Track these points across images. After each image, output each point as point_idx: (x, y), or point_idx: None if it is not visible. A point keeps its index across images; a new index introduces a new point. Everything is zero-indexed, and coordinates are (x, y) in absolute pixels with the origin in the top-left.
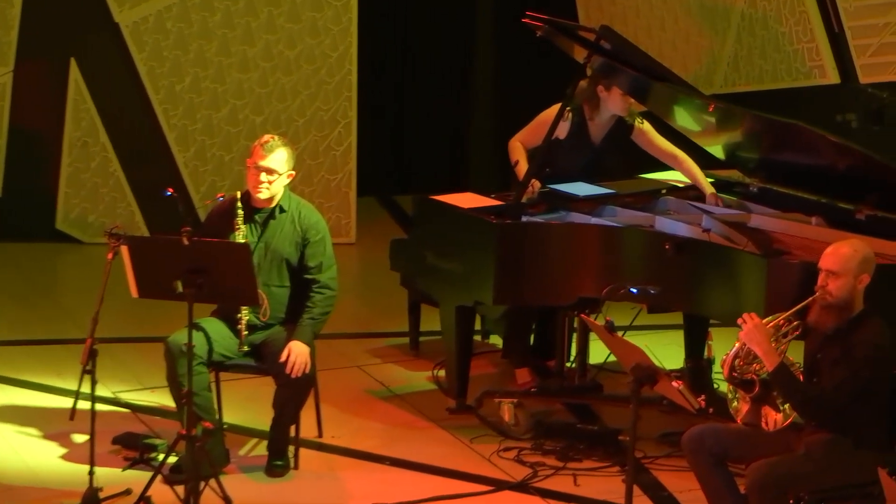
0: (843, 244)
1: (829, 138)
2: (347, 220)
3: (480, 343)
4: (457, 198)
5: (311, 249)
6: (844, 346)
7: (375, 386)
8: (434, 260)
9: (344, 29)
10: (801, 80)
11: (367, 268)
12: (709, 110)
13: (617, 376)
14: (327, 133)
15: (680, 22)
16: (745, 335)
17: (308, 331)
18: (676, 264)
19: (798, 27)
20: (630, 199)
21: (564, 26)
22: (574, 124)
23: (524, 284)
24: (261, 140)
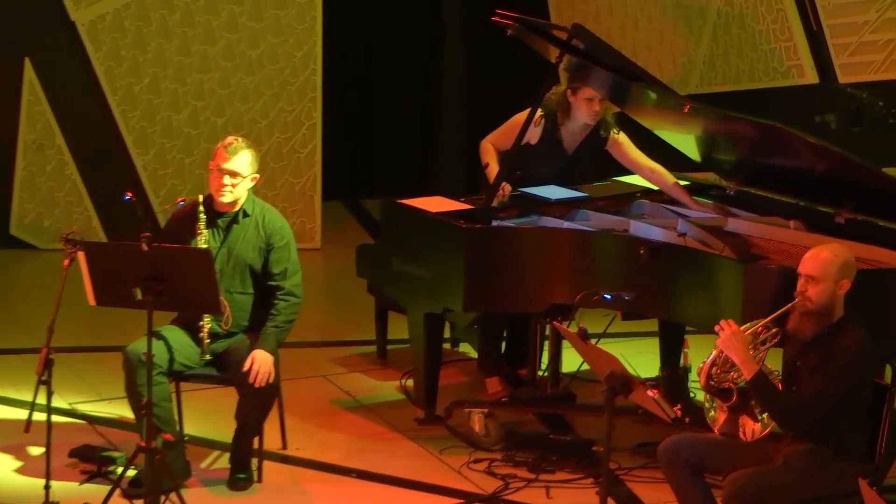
0: (823, 248)
1: (807, 140)
2: (312, 225)
3: (450, 351)
4: (425, 201)
5: (275, 255)
6: (824, 354)
7: (341, 396)
8: (402, 266)
9: (308, 27)
10: (778, 80)
11: (333, 274)
12: (684, 111)
13: (590, 385)
14: (291, 135)
15: (654, 20)
16: (723, 342)
17: (272, 339)
18: (651, 270)
19: (775, 25)
20: (603, 203)
21: (536, 25)
22: (546, 131)
23: (495, 291)
24: (224, 142)
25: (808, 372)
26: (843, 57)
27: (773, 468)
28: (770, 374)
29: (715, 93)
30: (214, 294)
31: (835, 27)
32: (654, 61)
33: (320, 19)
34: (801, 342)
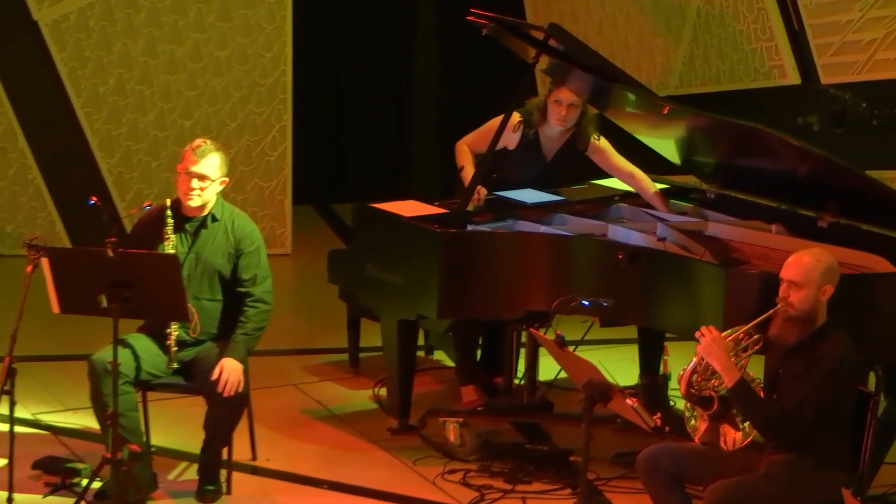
0: (806, 253)
1: (789, 142)
2: (283, 230)
3: (424, 359)
4: (398, 206)
5: (244, 261)
6: (807, 361)
7: (313, 405)
8: (374, 272)
9: (278, 27)
10: (759, 81)
11: (304, 280)
12: (663, 113)
13: (568, 393)
14: (261, 138)
15: (633, 20)
16: (703, 349)
17: (241, 347)
18: (630, 275)
19: (756, 25)
20: (581, 207)
21: (511, 24)
22: (525, 136)
23: (470, 297)
24: (192, 144)
25: (790, 379)
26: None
27: (755, 478)
28: (752, 381)
29: (695, 94)
30: (182, 301)
31: (817, 27)
32: (632, 62)
33: (290, 19)
34: (784, 349)
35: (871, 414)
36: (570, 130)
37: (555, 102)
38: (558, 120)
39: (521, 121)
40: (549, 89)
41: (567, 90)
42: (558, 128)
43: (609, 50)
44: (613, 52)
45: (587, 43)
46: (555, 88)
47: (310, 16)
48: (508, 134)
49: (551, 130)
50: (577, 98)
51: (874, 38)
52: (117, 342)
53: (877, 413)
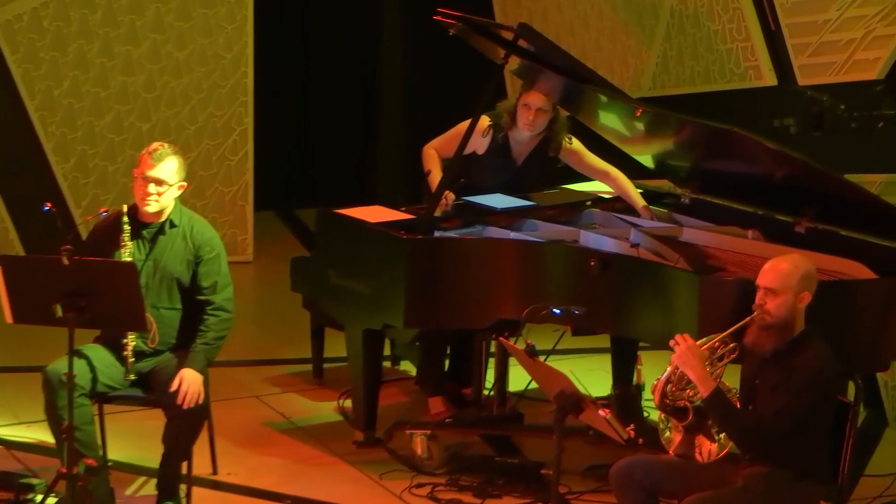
0: (783, 259)
1: (765, 145)
2: (244, 237)
3: (390, 370)
4: (363, 211)
5: (204, 268)
6: (784, 370)
7: (275, 418)
8: (339, 280)
9: (239, 27)
10: (735, 82)
11: (266, 288)
12: (636, 115)
13: (539, 405)
14: (221, 141)
15: (605, 19)
16: (678, 358)
17: (201, 358)
18: (603, 282)
19: (732, 25)
20: (552, 212)
21: (480, 24)
22: (494, 141)
23: (437, 306)
24: (149, 148)
25: (767, 389)
26: (802, 58)
27: (731, 491)
28: (728, 392)
29: (669, 96)
30: (140, 310)
31: (794, 26)
32: (604, 62)
33: (251, 18)
34: (760, 358)
35: (850, 424)
36: (540, 135)
37: (523, 106)
38: (526, 124)
39: (491, 125)
40: (519, 92)
41: (536, 94)
42: (527, 133)
43: (580, 50)
44: (585, 52)
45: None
46: (524, 92)
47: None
48: (477, 138)
49: (521, 135)
50: (547, 103)
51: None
52: (73, 353)
53: (856, 424)
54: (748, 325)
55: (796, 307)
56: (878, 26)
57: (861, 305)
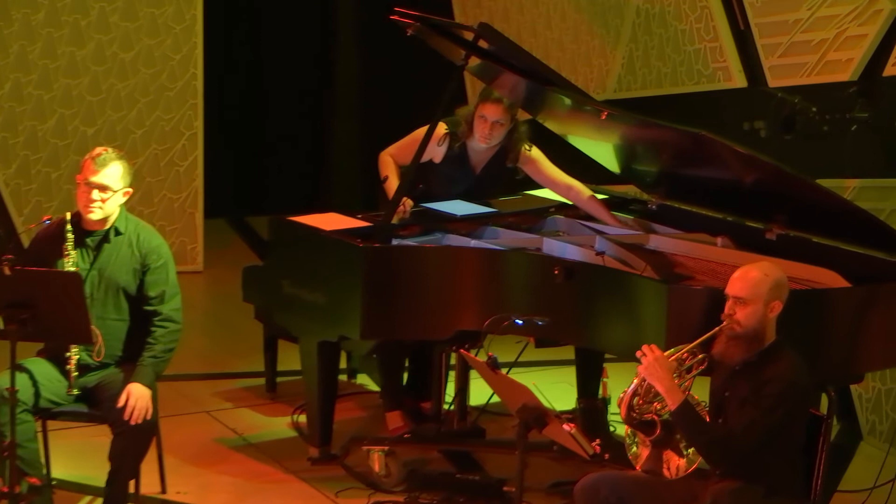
0: (753, 267)
1: (735, 149)
2: (194, 246)
3: (346, 383)
4: (318, 219)
5: (151, 277)
6: (754, 383)
7: (227, 434)
8: (293, 289)
9: (188, 27)
10: (703, 84)
11: (217, 299)
12: (601, 118)
13: (501, 419)
14: (170, 146)
15: (568, 19)
16: (645, 370)
17: (149, 371)
18: (567, 292)
19: (699, 24)
20: (514, 219)
21: (438, 24)
22: (451, 150)
23: (395, 316)
24: (92, 153)
25: (737, 402)
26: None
27: None
28: (697, 405)
29: (635, 98)
30: (85, 322)
31: (764, 26)
32: (567, 64)
33: (201, 18)
34: (730, 370)
35: (823, 438)
36: (499, 144)
37: (480, 118)
38: (483, 137)
39: (447, 133)
40: (476, 102)
41: (493, 106)
42: (480, 143)
43: (543, 51)
44: (548, 53)
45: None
46: (481, 103)
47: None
48: (433, 147)
49: (479, 144)
50: (505, 115)
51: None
52: (15, 367)
53: (829, 438)
54: (717, 335)
55: (767, 317)
56: (851, 26)
57: (834, 315)
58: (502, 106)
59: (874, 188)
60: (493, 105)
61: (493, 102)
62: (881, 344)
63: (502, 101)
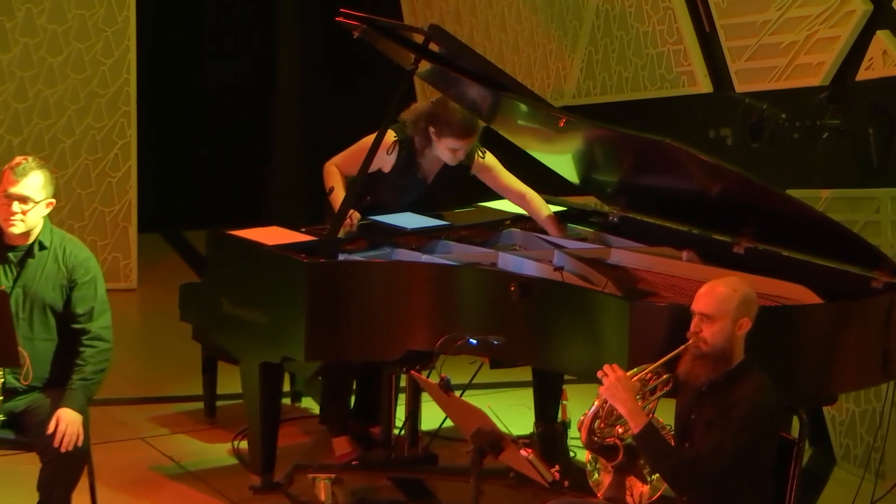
0: (720, 283)
1: (700, 158)
2: (127, 262)
3: (290, 407)
4: (259, 232)
5: (79, 292)
6: (721, 404)
7: (163, 461)
8: (233, 308)
9: (120, 30)
10: (666, 89)
11: (152, 318)
12: (559, 125)
13: (455, 445)
14: (101, 156)
15: (523, 20)
16: (606, 391)
17: (80, 395)
18: (523, 310)
19: (662, 26)
20: (468, 233)
21: (386, 26)
22: (401, 158)
23: (342, 336)
24: (11, 163)
25: (703, 425)
26: (739, 62)
27: None
28: (662, 429)
29: (594, 104)
30: (12, 342)
31: (730, 27)
32: (523, 67)
33: (134, 20)
34: (696, 391)
35: (794, 463)
36: None
37: (451, 150)
38: (453, 160)
39: (397, 140)
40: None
41: (465, 141)
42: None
43: (497, 54)
44: (502, 56)
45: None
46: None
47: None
48: (382, 155)
49: (433, 152)
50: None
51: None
52: None
53: (801, 462)
54: (682, 354)
55: (734, 335)
56: (822, 28)
57: (805, 333)
58: (475, 136)
59: (846, 199)
60: (468, 141)
61: (466, 139)
62: (855, 363)
63: (475, 132)
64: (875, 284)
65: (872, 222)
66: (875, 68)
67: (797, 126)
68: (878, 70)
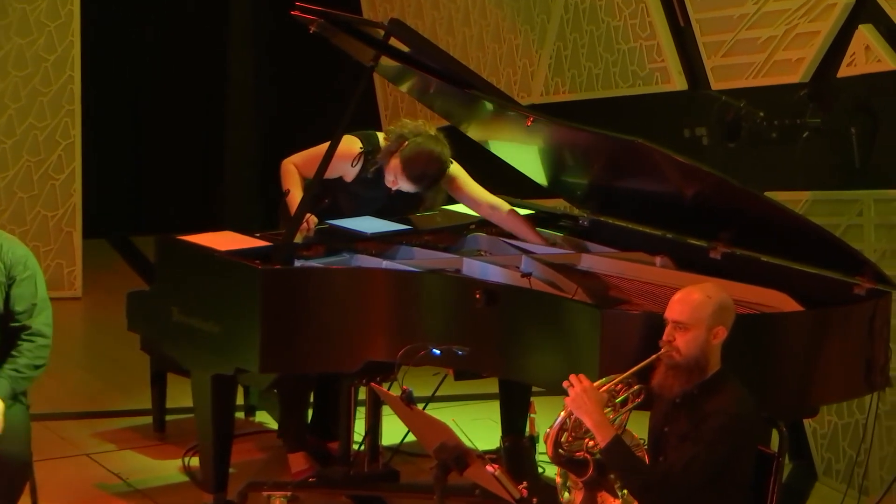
0: (694, 289)
1: (674, 159)
2: (72, 269)
3: (243, 422)
4: (211, 238)
5: (18, 290)
6: (695, 416)
7: (110, 479)
8: (183, 317)
9: (63, 24)
10: (639, 87)
11: (98, 328)
12: (527, 125)
13: (417, 460)
14: (44, 158)
15: (488, 15)
16: (572, 402)
17: (5, 384)
18: (489, 318)
19: (635, 20)
20: (431, 238)
21: (345, 20)
22: (365, 170)
23: (298, 346)
24: None
25: (676, 439)
26: (715, 58)
27: None
28: (637, 445)
29: (563, 102)
30: None
31: (706, 22)
32: (489, 64)
33: (78, 14)
34: (670, 403)
35: (774, 479)
36: None
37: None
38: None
39: (362, 152)
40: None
41: (415, 189)
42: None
43: (461, 50)
44: (466, 52)
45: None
46: (407, 182)
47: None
48: (346, 165)
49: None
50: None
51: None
52: None
53: (781, 478)
54: (655, 364)
55: (709, 343)
56: (802, 22)
57: (786, 342)
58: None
59: (828, 201)
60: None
61: (418, 189)
62: (837, 373)
63: (431, 188)
64: (857, 291)
65: (855, 226)
66: (857, 64)
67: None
68: (861, 66)
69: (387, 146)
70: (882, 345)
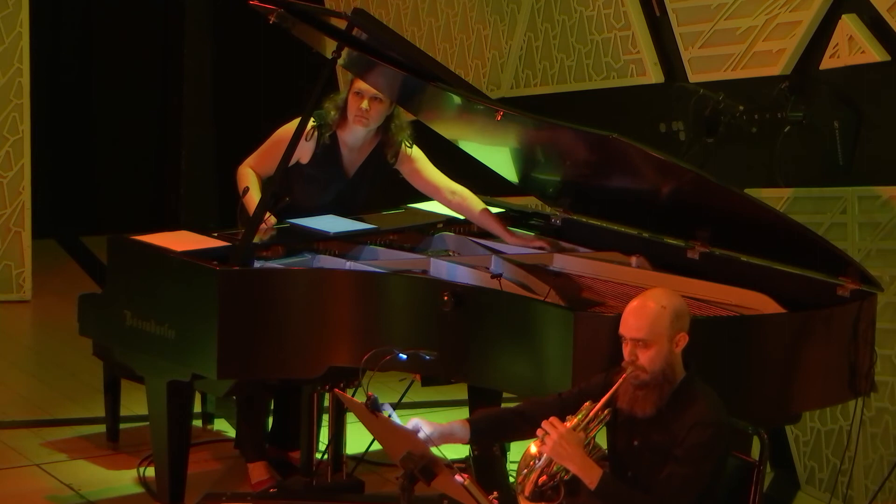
0: (646, 300)
1: (650, 154)
2: (20, 270)
3: (201, 430)
4: (166, 237)
5: None
6: (672, 429)
7: (61, 490)
8: (137, 321)
9: (11, 14)
10: (613, 79)
11: (47, 333)
12: (496, 119)
13: (383, 470)
14: None
15: (456, 4)
16: (552, 451)
17: None
18: (457, 321)
19: (608, 10)
20: (396, 237)
21: (305, 10)
22: (321, 146)
23: (257, 352)
24: None
25: (649, 452)
26: (693, 49)
27: None
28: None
29: (534, 95)
30: None
31: (682, 11)
32: (456, 56)
33: (27, 4)
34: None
35: (755, 488)
36: (375, 138)
37: (355, 94)
38: (358, 116)
39: (315, 126)
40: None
41: None
42: (360, 128)
43: (427, 41)
44: (433, 43)
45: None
46: (356, 78)
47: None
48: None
49: (353, 137)
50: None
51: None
52: None
53: (762, 487)
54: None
55: (673, 353)
56: (782, 12)
57: (766, 345)
58: None
59: (810, 199)
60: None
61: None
62: (820, 378)
63: None
64: (841, 292)
65: (838, 224)
66: (840, 56)
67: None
68: (844, 58)
69: (336, 105)
70: (867, 348)
